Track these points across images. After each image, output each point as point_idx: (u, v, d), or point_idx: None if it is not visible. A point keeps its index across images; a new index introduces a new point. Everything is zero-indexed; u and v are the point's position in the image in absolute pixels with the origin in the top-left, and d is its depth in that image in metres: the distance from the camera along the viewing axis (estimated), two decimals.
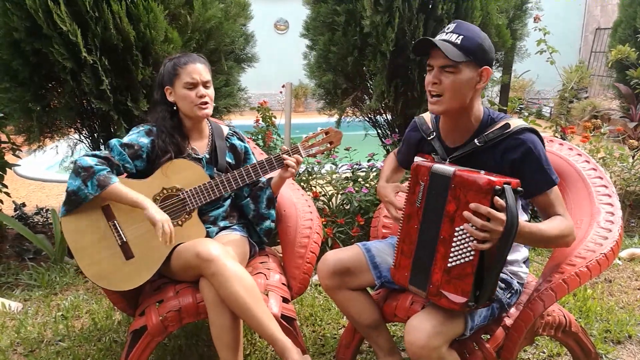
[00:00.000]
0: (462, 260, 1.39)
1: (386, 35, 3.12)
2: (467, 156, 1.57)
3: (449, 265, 1.41)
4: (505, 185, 1.33)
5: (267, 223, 2.05)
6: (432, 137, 1.66)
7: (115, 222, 1.80)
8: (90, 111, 2.94)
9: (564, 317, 1.75)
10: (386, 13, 3.13)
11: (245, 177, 1.89)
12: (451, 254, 1.40)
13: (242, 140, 2.09)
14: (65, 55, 2.58)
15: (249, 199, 2.03)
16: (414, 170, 1.52)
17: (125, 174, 1.88)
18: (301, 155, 1.94)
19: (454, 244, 1.40)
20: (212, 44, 3.07)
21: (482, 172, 1.41)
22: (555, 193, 1.54)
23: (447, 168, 1.44)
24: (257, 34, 3.59)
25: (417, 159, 1.56)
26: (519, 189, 1.37)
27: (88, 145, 3.19)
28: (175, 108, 1.92)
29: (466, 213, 1.35)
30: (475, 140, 1.55)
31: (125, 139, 1.87)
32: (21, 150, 3.33)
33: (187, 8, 2.91)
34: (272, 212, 2.04)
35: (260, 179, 1.98)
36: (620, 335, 2.28)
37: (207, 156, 1.96)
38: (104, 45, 2.64)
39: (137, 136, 1.88)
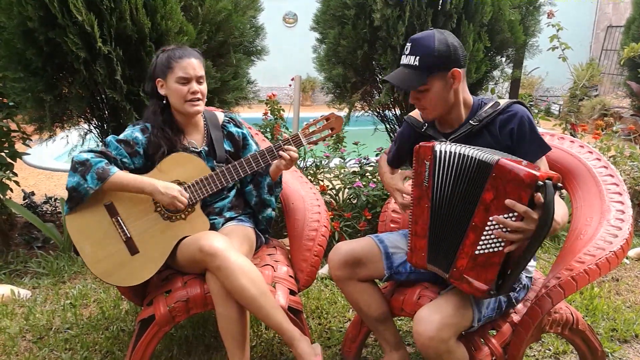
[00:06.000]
0: (491, 250, 1.38)
1: (397, 29, 3.10)
2: (465, 137, 1.61)
3: (476, 252, 1.40)
4: (546, 181, 1.29)
5: (269, 211, 2.05)
6: (425, 128, 1.70)
7: (118, 218, 1.79)
8: (100, 101, 2.95)
9: (571, 314, 1.75)
10: (397, 7, 3.12)
11: (247, 167, 1.88)
12: (481, 242, 1.39)
13: (239, 126, 2.05)
14: (80, 45, 2.58)
15: (251, 185, 2.03)
16: (416, 152, 1.53)
17: (124, 170, 1.85)
18: (302, 144, 1.92)
19: (485, 233, 1.38)
20: (220, 36, 3.06)
21: (524, 162, 1.37)
22: (544, 164, 1.59)
23: (482, 154, 1.40)
24: (265, 27, 3.58)
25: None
26: (559, 184, 1.34)
27: (97, 135, 3.21)
28: (165, 102, 1.88)
29: (508, 201, 1.31)
30: (470, 121, 1.60)
31: (121, 136, 1.85)
32: (31, 140, 3.35)
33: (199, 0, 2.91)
34: (273, 199, 2.04)
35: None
36: (627, 334, 2.28)
37: (206, 148, 1.95)
38: (118, 36, 2.65)
39: (132, 132, 1.86)
